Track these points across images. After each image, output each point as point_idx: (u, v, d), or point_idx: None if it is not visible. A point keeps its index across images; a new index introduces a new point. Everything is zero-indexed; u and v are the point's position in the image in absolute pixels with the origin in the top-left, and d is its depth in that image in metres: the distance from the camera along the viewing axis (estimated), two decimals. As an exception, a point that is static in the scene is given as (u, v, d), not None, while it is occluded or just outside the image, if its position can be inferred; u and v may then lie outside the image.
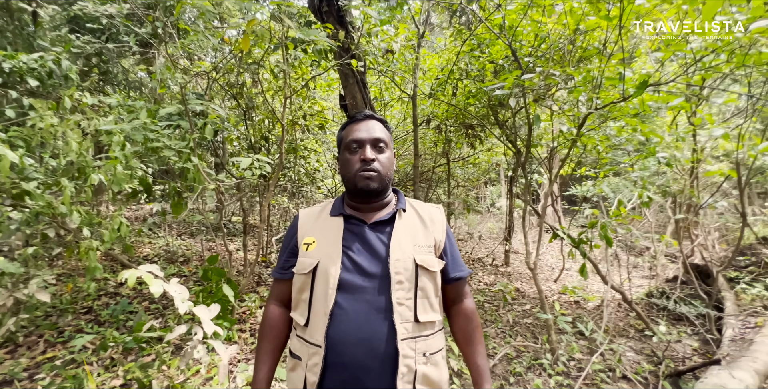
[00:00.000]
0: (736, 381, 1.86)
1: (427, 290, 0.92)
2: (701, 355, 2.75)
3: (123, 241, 3.69)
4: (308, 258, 0.93)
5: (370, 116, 0.99)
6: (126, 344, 2.57)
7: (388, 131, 1.01)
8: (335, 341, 0.86)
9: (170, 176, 3.72)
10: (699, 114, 2.92)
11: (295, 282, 0.95)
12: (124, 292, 3.47)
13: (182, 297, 1.34)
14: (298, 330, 0.95)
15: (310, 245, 0.95)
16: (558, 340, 2.79)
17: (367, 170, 0.92)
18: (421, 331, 0.90)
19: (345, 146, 0.97)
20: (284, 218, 8.02)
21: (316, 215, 1.01)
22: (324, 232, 0.96)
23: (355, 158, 0.94)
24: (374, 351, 0.85)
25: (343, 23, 3.20)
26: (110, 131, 2.39)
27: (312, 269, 0.91)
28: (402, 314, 0.87)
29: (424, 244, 0.95)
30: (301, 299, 0.94)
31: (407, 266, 0.90)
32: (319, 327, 0.87)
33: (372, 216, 0.97)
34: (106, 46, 3.95)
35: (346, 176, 0.95)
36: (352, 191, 0.97)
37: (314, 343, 0.88)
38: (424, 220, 1.00)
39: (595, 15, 2.68)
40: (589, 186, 4.06)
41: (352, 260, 0.91)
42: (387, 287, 0.88)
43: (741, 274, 3.53)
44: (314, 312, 0.89)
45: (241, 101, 3.74)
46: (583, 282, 4.83)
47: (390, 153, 0.97)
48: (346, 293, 0.88)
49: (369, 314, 0.86)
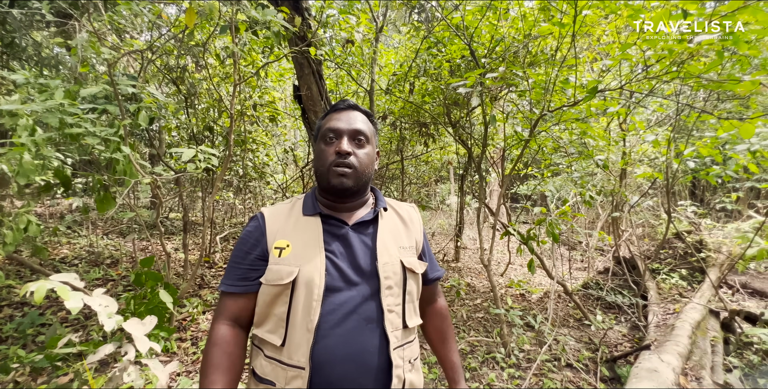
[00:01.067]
0: (665, 364, 2.06)
1: (413, 294, 0.88)
2: (630, 340, 3.03)
3: (32, 242, 3.17)
4: (284, 266, 0.80)
5: (353, 105, 0.90)
6: (36, 364, 2.20)
7: (372, 125, 0.91)
8: (321, 360, 0.76)
9: (94, 168, 3.27)
10: (631, 121, 3.21)
11: (264, 295, 0.81)
12: (34, 302, 2.99)
13: (108, 310, 1.14)
14: (268, 351, 0.81)
15: (283, 249, 0.82)
16: (509, 333, 2.90)
17: (342, 164, 0.82)
18: (407, 337, 0.86)
19: (321, 135, 0.87)
20: (229, 214, 7.53)
21: (286, 215, 0.88)
22: (299, 234, 0.84)
23: (330, 150, 0.84)
24: (365, 365, 0.77)
25: (298, 9, 3.01)
26: (15, 111, 2.00)
27: (292, 280, 0.78)
28: (392, 321, 0.81)
29: (407, 245, 0.90)
30: (272, 314, 0.80)
31: (396, 269, 0.84)
32: (302, 345, 0.76)
33: (351, 216, 0.88)
34: (11, 13, 3.35)
35: (319, 169, 0.85)
36: (325, 188, 0.86)
37: (294, 365, 0.76)
38: (405, 220, 0.95)
39: (547, 21, 2.81)
40: (535, 185, 4.30)
41: (335, 266, 0.81)
42: (376, 294, 0.81)
43: (661, 266, 3.99)
44: (293, 328, 0.77)
45: (182, 86, 3.38)
46: (526, 276, 5.13)
47: (371, 149, 0.88)
48: (332, 304, 0.78)
49: (358, 325, 0.78)
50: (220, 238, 5.04)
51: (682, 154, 2.29)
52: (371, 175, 0.89)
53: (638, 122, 2.38)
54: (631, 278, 3.68)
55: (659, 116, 4.07)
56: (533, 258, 2.90)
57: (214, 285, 3.68)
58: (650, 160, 4.43)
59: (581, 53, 3.99)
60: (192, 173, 2.08)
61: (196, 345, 2.62)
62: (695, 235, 4.34)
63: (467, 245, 7.13)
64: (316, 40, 2.99)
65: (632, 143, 4.34)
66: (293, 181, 6.52)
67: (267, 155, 5.86)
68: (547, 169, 4.13)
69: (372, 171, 0.88)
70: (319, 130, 0.90)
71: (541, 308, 3.68)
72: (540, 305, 3.81)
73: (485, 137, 2.64)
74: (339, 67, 3.81)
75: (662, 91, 2.82)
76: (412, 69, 3.66)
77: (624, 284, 3.84)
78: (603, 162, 3.05)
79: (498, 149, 7.24)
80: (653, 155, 4.58)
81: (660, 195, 4.95)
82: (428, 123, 4.83)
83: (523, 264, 5.92)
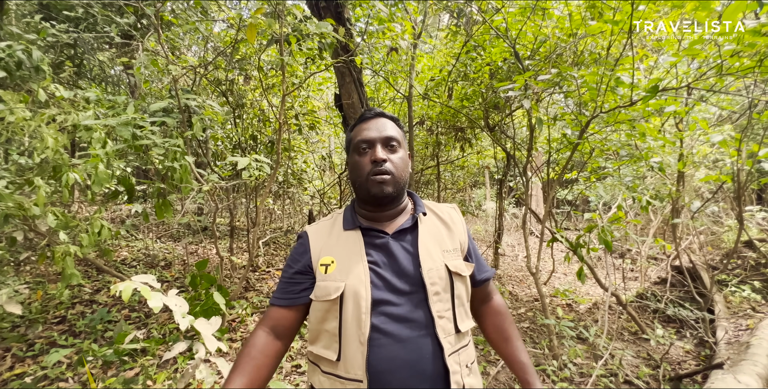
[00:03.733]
0: (742, 385, 1.87)
1: (462, 297, 0.86)
2: (695, 358, 2.79)
3: (101, 245, 3.44)
4: (332, 282, 0.82)
5: (380, 113, 0.90)
6: (106, 357, 2.37)
7: (400, 129, 0.92)
8: (378, 370, 0.76)
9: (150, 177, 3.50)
10: (693, 120, 2.99)
11: (315, 311, 0.83)
12: (101, 300, 3.23)
13: (182, 310, 1.21)
14: (325, 366, 0.82)
15: (328, 266, 0.83)
16: (559, 345, 2.77)
17: (379, 172, 0.83)
18: (461, 342, 0.85)
19: (354, 147, 0.88)
20: (268, 219, 7.80)
21: (328, 231, 0.90)
22: (342, 250, 0.85)
23: (365, 160, 0.85)
24: (423, 373, 0.77)
25: (341, 20, 3.10)
26: (90, 126, 2.20)
27: (339, 295, 0.80)
28: (444, 327, 0.80)
29: (451, 248, 0.88)
30: (324, 330, 0.82)
31: (441, 274, 0.83)
32: (357, 358, 0.77)
33: (391, 225, 0.88)
34: (83, 37, 3.70)
35: (357, 180, 0.86)
36: (365, 199, 0.87)
37: (352, 378, 0.77)
38: (446, 222, 0.93)
39: (595, 19, 2.69)
40: (580, 190, 4.10)
41: (380, 277, 0.81)
42: (424, 301, 0.81)
43: (728, 277, 3.65)
44: (347, 342, 0.79)
45: (231, 98, 3.57)
46: (572, 285, 4.89)
47: (404, 153, 0.88)
48: (381, 315, 0.79)
49: (410, 334, 0.78)
50: (261, 243, 5.23)
51: (756, 155, 2.10)
52: (407, 179, 0.89)
53: (700, 121, 2.21)
54: (695, 289, 3.39)
55: (722, 115, 3.76)
56: (583, 267, 2.76)
57: (259, 288, 3.81)
58: (711, 163, 4.09)
59: (630, 51, 3.79)
60: (245, 180, 2.17)
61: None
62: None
63: (505, 252, 6.92)
64: (359, 49, 3.05)
65: (690, 144, 4.04)
66: (330, 187, 6.66)
67: (305, 161, 6.04)
68: (594, 173, 3.93)
69: (408, 175, 0.89)
70: (350, 142, 0.90)
71: (591, 319, 3.48)
72: (589, 316, 3.61)
73: (531, 141, 2.56)
74: (377, 75, 3.87)
75: (727, 87, 2.59)
76: (451, 74, 3.63)
77: (685, 297, 3.55)
78: (659, 165, 2.86)
79: (539, 152, 7.00)
80: (714, 156, 4.23)
81: (726, 200, 4.56)
82: (465, 127, 4.77)
83: (567, 273, 5.64)
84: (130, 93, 5.59)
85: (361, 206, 0.91)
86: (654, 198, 3.54)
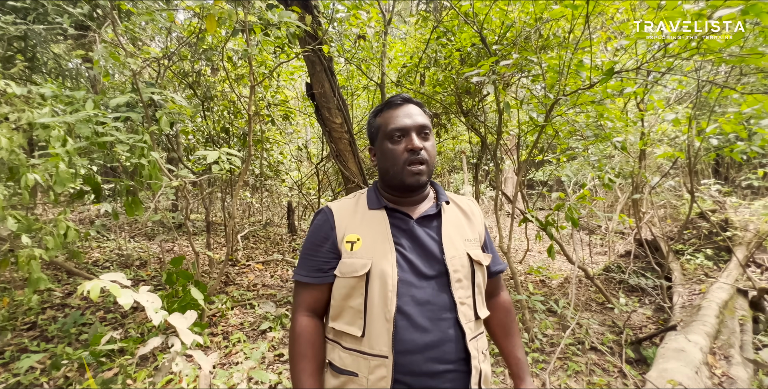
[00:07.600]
0: (692, 343, 2.05)
1: (481, 286, 0.89)
2: (655, 322, 3.01)
3: (69, 247, 3.33)
4: (358, 259, 0.82)
5: (407, 99, 0.90)
6: (82, 360, 2.34)
7: (427, 115, 0.91)
8: (402, 348, 0.78)
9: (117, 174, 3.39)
10: (649, 100, 3.14)
11: (340, 288, 0.84)
12: (73, 303, 3.15)
13: (154, 306, 1.22)
14: (347, 343, 0.83)
15: (354, 243, 0.84)
16: (531, 319, 2.92)
17: (416, 161, 0.83)
18: (479, 329, 0.88)
19: (386, 134, 0.87)
20: (247, 213, 7.70)
21: (353, 209, 0.90)
22: (368, 228, 0.86)
23: (399, 148, 0.85)
24: (446, 355, 0.80)
25: (308, 7, 3.03)
26: (48, 124, 2.10)
27: (366, 272, 0.81)
28: (465, 313, 0.83)
29: (472, 238, 0.91)
30: (348, 306, 0.83)
31: (463, 262, 0.86)
32: (382, 335, 0.79)
33: (415, 210, 0.90)
34: (33, 29, 3.47)
35: (391, 169, 0.86)
36: (397, 186, 0.88)
37: (377, 354, 0.79)
38: (466, 213, 0.96)
39: (558, 3, 2.76)
40: (551, 170, 4.26)
41: (406, 259, 0.83)
42: (447, 287, 0.83)
43: (684, 246, 3.91)
44: (372, 319, 0.80)
45: (198, 90, 3.46)
46: (545, 262, 5.11)
47: (434, 140, 0.90)
48: (406, 295, 0.80)
49: (434, 316, 0.80)
50: (240, 237, 5.18)
51: (704, 131, 2.24)
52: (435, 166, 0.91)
53: (657, 101, 2.34)
54: (654, 260, 3.63)
55: (678, 94, 3.95)
56: (553, 244, 2.90)
57: (239, 282, 3.80)
58: (670, 140, 4.32)
59: (595, 34, 3.90)
60: (216, 174, 2.15)
61: (228, 339, 2.73)
62: (720, 214, 4.23)
63: (484, 235, 7.11)
64: (327, 37, 3.01)
65: (651, 123, 4.24)
66: (308, 178, 6.61)
67: (281, 153, 5.95)
68: (563, 154, 4.08)
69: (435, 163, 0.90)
70: (379, 129, 0.89)
71: (562, 293, 3.68)
72: (561, 290, 3.81)
73: (500, 125, 2.63)
74: (349, 63, 3.83)
75: (681, 67, 2.74)
76: (422, 60, 3.64)
77: (647, 267, 3.80)
78: (621, 144, 3.00)
79: (512, 136, 7.16)
80: (673, 134, 4.46)
81: (682, 175, 4.83)
82: (439, 113, 4.81)
83: (542, 251, 5.89)
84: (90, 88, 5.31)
85: (385, 189, 0.91)
86: (617, 176, 3.72)
